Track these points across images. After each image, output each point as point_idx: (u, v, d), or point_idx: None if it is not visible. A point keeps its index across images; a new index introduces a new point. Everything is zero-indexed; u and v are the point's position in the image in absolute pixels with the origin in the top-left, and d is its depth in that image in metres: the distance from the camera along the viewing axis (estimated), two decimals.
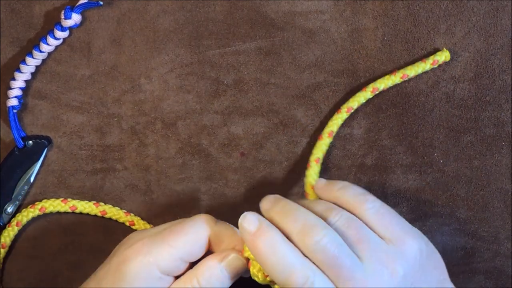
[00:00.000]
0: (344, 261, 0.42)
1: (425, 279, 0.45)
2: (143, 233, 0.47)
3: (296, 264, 0.42)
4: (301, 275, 0.41)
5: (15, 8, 0.54)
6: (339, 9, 0.53)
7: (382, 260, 0.43)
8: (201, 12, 0.53)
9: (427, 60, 0.52)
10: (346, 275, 0.42)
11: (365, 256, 0.43)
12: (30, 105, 0.54)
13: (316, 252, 0.42)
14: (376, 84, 0.52)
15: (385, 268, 0.43)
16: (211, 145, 0.54)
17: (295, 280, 0.41)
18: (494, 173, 0.54)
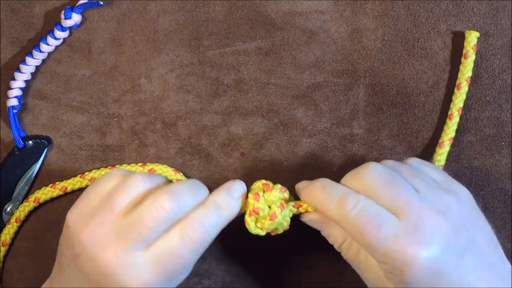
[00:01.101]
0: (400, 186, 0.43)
1: (476, 229, 0.44)
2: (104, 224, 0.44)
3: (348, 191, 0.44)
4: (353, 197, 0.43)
5: (15, 8, 0.54)
6: (339, 9, 0.53)
7: (437, 193, 0.44)
8: (201, 12, 0.53)
9: (469, 52, 0.51)
10: (403, 199, 0.43)
11: (421, 188, 0.44)
12: (30, 105, 0.54)
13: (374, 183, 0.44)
14: None
15: (441, 200, 0.43)
16: (211, 145, 0.54)
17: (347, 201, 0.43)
18: (494, 173, 0.54)
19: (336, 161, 0.54)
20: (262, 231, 0.47)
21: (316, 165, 0.54)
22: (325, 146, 0.54)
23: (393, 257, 0.42)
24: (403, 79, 0.53)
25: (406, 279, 0.42)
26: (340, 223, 0.44)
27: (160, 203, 0.43)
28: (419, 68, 0.53)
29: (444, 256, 0.42)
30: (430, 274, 0.41)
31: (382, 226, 0.42)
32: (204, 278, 0.55)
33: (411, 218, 0.42)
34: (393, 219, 0.43)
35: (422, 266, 0.41)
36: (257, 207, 0.47)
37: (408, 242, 0.41)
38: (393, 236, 0.42)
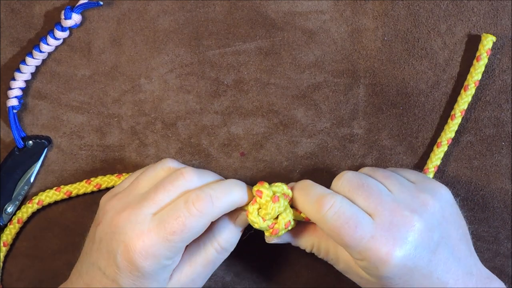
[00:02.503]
0: (372, 188, 0.45)
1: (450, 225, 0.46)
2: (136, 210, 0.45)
3: (325, 192, 0.46)
4: (330, 198, 0.45)
5: (15, 8, 0.54)
6: (339, 9, 0.53)
7: (411, 193, 0.46)
8: (201, 12, 0.53)
9: (481, 55, 0.51)
10: (375, 200, 0.45)
11: (394, 189, 0.46)
12: (30, 105, 0.54)
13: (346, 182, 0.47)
14: None
15: (415, 198, 0.45)
16: (211, 145, 0.54)
17: (324, 202, 0.45)
18: (494, 173, 0.54)
19: (336, 161, 0.54)
20: (264, 222, 0.47)
21: (316, 165, 0.54)
22: (325, 146, 0.54)
23: (369, 256, 0.43)
24: (403, 79, 0.53)
25: (381, 274, 0.44)
26: (318, 224, 0.46)
27: (182, 172, 0.46)
28: (419, 68, 0.53)
29: (417, 253, 0.43)
30: (404, 270, 0.43)
31: (357, 227, 0.44)
32: None
33: (385, 217, 0.44)
34: (368, 219, 0.44)
35: (397, 264, 0.43)
36: (261, 190, 0.47)
37: (382, 241, 0.43)
38: (368, 236, 0.43)
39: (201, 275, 0.48)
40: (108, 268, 0.45)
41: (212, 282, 0.55)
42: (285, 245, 0.55)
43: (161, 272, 0.45)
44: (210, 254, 0.47)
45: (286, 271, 0.55)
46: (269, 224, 0.47)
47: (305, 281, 0.55)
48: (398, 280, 0.44)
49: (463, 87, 0.52)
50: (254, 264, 0.55)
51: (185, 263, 0.47)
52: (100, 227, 0.46)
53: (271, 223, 0.47)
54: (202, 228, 0.45)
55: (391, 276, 0.43)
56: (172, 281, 0.46)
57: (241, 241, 0.55)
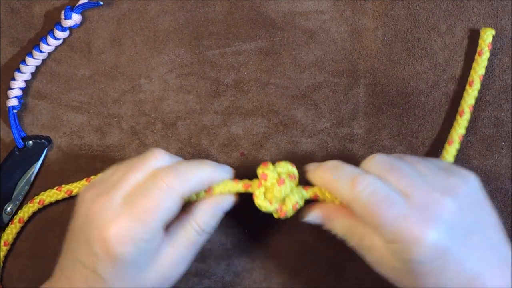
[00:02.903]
0: (404, 170, 0.45)
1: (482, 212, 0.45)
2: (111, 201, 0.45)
3: (359, 171, 0.45)
4: (364, 177, 0.44)
5: (15, 8, 0.54)
6: (339, 9, 0.53)
7: (443, 177, 0.45)
8: (201, 12, 0.53)
9: (482, 50, 0.51)
10: (408, 181, 0.44)
11: (426, 172, 0.45)
12: (30, 105, 0.54)
13: None
14: None
15: (448, 182, 0.44)
16: (211, 145, 0.54)
17: (358, 182, 0.44)
18: (494, 173, 0.54)
19: None
20: (271, 205, 0.47)
21: None
22: (325, 146, 0.54)
23: (402, 236, 0.42)
24: (403, 79, 0.53)
25: (413, 257, 0.42)
26: (350, 204, 0.45)
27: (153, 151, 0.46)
28: (419, 68, 0.53)
29: (450, 236, 0.42)
30: (436, 253, 0.42)
31: (392, 206, 0.43)
32: (204, 278, 0.55)
33: (418, 198, 0.43)
34: (401, 199, 0.43)
35: (430, 245, 0.42)
36: (266, 172, 0.47)
37: (416, 221, 0.42)
38: (402, 216, 0.42)
39: (184, 257, 0.47)
40: (87, 259, 0.44)
41: (212, 282, 0.55)
42: (285, 244, 0.55)
43: (140, 256, 0.44)
44: (190, 234, 0.47)
45: (286, 271, 0.55)
46: (276, 207, 0.47)
47: (305, 281, 0.55)
48: (431, 264, 0.42)
49: (468, 83, 0.52)
50: (254, 264, 0.55)
51: (166, 246, 0.46)
52: (76, 217, 0.45)
53: (278, 206, 0.47)
54: (174, 205, 0.44)
55: (423, 259, 0.42)
56: (154, 266, 0.45)
57: (242, 241, 0.55)
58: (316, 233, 0.55)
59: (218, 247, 0.55)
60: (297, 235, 0.55)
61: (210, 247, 0.55)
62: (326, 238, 0.55)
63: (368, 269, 0.55)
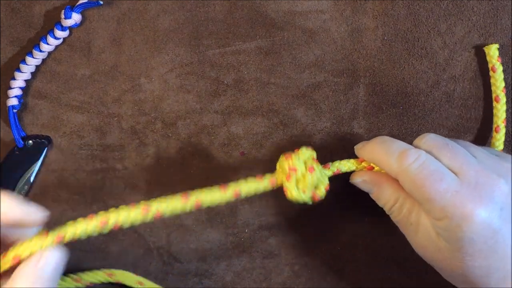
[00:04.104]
0: (457, 149, 0.44)
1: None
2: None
3: (408, 146, 0.45)
4: (414, 151, 0.44)
5: (15, 8, 0.54)
6: (339, 8, 0.53)
7: (496, 160, 0.44)
8: (201, 12, 0.53)
9: (495, 66, 0.52)
10: (461, 160, 0.43)
11: (478, 155, 0.44)
12: (30, 105, 0.54)
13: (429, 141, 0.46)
14: None
15: (501, 165, 0.44)
16: (211, 145, 0.54)
17: (408, 155, 0.44)
18: None
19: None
20: (305, 194, 0.46)
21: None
22: (325, 146, 0.54)
23: (452, 212, 0.41)
24: (403, 79, 0.53)
25: (463, 235, 0.41)
26: (399, 177, 0.44)
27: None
28: (419, 68, 0.53)
29: (503, 215, 0.42)
30: (487, 232, 0.41)
31: (442, 180, 0.42)
32: (204, 278, 0.55)
33: (471, 176, 0.43)
34: (453, 175, 0.43)
35: (481, 223, 0.41)
36: (293, 164, 0.46)
37: (468, 198, 0.41)
38: (453, 190, 0.42)
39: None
40: None
41: (212, 282, 0.55)
42: (285, 244, 0.55)
43: None
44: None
45: (286, 271, 0.55)
46: (310, 195, 0.46)
47: (305, 281, 0.55)
48: (482, 244, 0.41)
49: (494, 99, 0.52)
50: (254, 264, 0.55)
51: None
52: None
53: (311, 193, 0.46)
54: None
55: (474, 236, 0.41)
56: None
57: (242, 241, 0.55)
58: (316, 233, 0.55)
59: (218, 247, 0.55)
60: (297, 235, 0.55)
61: (210, 247, 0.55)
62: (326, 238, 0.55)
63: (368, 269, 0.55)
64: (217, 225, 0.55)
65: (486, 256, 0.42)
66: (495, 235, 0.41)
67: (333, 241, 0.55)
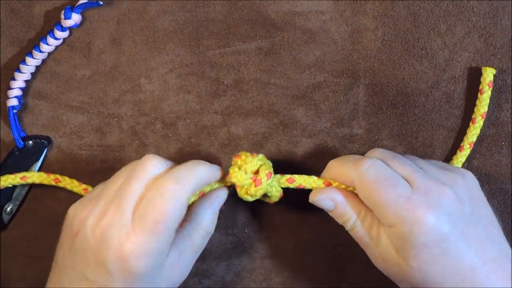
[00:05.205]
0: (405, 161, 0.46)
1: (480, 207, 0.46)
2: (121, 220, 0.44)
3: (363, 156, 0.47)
4: (369, 159, 0.46)
5: (15, 8, 0.54)
6: (339, 9, 0.53)
7: (441, 171, 0.46)
8: (201, 12, 0.53)
9: (484, 88, 0.52)
10: (409, 170, 0.45)
11: (424, 167, 0.46)
12: (30, 105, 0.54)
13: None
14: None
15: (446, 175, 0.46)
16: (211, 145, 0.54)
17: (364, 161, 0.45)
18: (494, 173, 0.54)
19: None
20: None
21: (316, 165, 0.54)
22: (325, 146, 0.54)
23: (404, 217, 0.43)
24: (403, 79, 0.53)
25: (415, 240, 0.43)
26: (356, 183, 0.45)
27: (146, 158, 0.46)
28: (419, 68, 0.53)
29: (451, 220, 0.43)
30: (438, 236, 0.43)
31: (396, 186, 0.44)
32: (204, 278, 0.55)
33: (420, 183, 0.44)
34: (405, 182, 0.45)
35: (432, 226, 0.43)
36: (239, 154, 0.48)
37: (418, 203, 0.43)
38: (405, 196, 0.43)
39: (189, 264, 0.47)
40: (98, 277, 0.43)
41: (212, 282, 0.55)
42: (285, 244, 0.55)
43: (155, 268, 0.44)
44: (197, 240, 0.47)
45: (286, 271, 0.55)
46: (250, 177, 0.48)
47: (305, 281, 0.55)
48: (434, 248, 0.43)
49: (471, 120, 0.52)
50: (254, 264, 0.55)
51: (174, 257, 0.46)
52: (80, 237, 0.44)
53: (252, 176, 0.48)
54: (181, 210, 0.44)
55: (426, 240, 0.43)
56: (164, 275, 0.45)
57: (242, 241, 0.55)
58: (316, 233, 0.55)
59: (218, 247, 0.55)
60: (297, 235, 0.55)
61: (210, 247, 0.55)
62: (326, 238, 0.55)
63: (368, 269, 0.55)
64: (217, 225, 0.55)
65: (440, 261, 0.43)
66: (446, 238, 0.43)
67: (333, 241, 0.55)
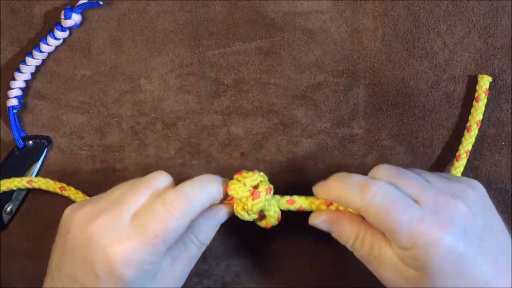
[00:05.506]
0: (411, 176, 0.44)
1: (491, 216, 0.45)
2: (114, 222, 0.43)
3: (368, 178, 0.45)
4: (375, 182, 0.43)
5: (15, 8, 0.54)
6: (339, 9, 0.53)
7: (449, 183, 0.45)
8: (201, 12, 0.53)
9: (480, 96, 0.52)
10: (417, 186, 0.44)
11: (431, 180, 0.45)
12: (30, 105, 0.54)
13: None
14: None
15: (454, 186, 0.44)
16: (211, 145, 0.54)
17: (370, 186, 0.43)
18: (494, 173, 0.54)
19: (336, 161, 0.54)
20: (247, 214, 0.47)
21: (316, 165, 0.54)
22: (325, 146, 0.54)
23: (418, 240, 0.42)
24: (403, 79, 0.53)
25: (431, 262, 0.42)
26: (362, 210, 0.44)
27: (156, 172, 0.46)
28: (419, 68, 0.53)
29: (466, 237, 0.42)
30: (454, 256, 0.41)
31: (407, 210, 0.42)
32: (204, 278, 0.55)
33: (430, 202, 0.43)
34: (414, 203, 0.43)
35: (447, 246, 0.41)
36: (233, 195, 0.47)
37: (431, 224, 0.42)
38: (417, 219, 0.42)
39: (184, 272, 0.47)
40: (86, 278, 0.42)
41: (212, 282, 0.55)
42: (285, 245, 0.55)
43: (144, 277, 0.43)
44: (191, 250, 0.46)
45: (286, 271, 0.55)
46: (255, 218, 0.47)
47: (305, 281, 0.55)
48: (450, 267, 0.41)
49: (466, 128, 0.52)
50: (254, 264, 0.55)
51: (167, 264, 0.45)
52: (71, 235, 0.44)
53: (257, 216, 0.47)
54: (183, 228, 0.44)
55: (442, 262, 0.41)
56: (156, 284, 0.44)
57: (242, 241, 0.55)
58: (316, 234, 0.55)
59: (218, 247, 0.55)
60: (297, 235, 0.55)
61: (210, 247, 0.55)
62: (326, 239, 0.55)
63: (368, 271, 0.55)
64: None
65: (455, 279, 0.42)
66: (461, 256, 0.41)
67: (333, 241, 0.55)
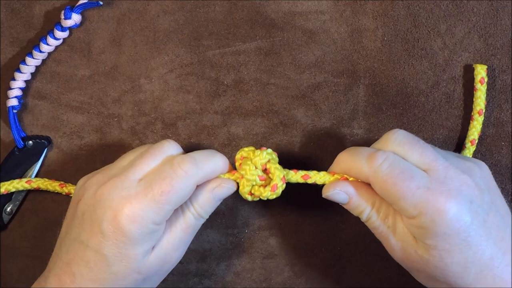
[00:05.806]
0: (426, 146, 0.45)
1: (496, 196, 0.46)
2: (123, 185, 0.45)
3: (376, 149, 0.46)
4: (382, 153, 0.45)
5: (15, 8, 0.54)
6: (339, 9, 0.53)
7: (459, 160, 0.46)
8: (201, 12, 0.53)
9: (477, 85, 0.52)
10: (430, 156, 0.44)
11: (442, 154, 0.46)
12: (30, 105, 0.54)
13: None
14: None
15: (464, 163, 0.45)
16: (211, 145, 0.54)
17: (377, 156, 0.44)
18: (494, 173, 0.54)
19: None
20: (255, 170, 0.47)
21: (316, 165, 0.54)
22: (325, 146, 0.54)
23: (425, 207, 0.42)
24: (403, 79, 0.53)
25: (438, 230, 0.42)
26: (370, 179, 0.45)
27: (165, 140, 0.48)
28: (419, 68, 0.53)
29: (473, 208, 0.43)
30: (460, 225, 0.42)
31: (413, 177, 0.43)
32: (204, 278, 0.55)
33: (440, 172, 0.44)
34: (422, 173, 0.44)
35: (453, 216, 0.42)
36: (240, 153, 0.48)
37: (439, 193, 0.42)
38: (424, 187, 0.43)
39: (182, 241, 0.47)
40: (91, 239, 0.44)
41: (212, 282, 0.55)
42: (285, 244, 0.55)
43: (147, 237, 0.44)
44: (188, 219, 0.47)
45: (286, 271, 0.55)
46: (258, 175, 0.47)
47: (305, 281, 0.55)
48: (456, 238, 0.42)
49: (471, 118, 0.53)
50: (254, 264, 0.55)
51: (166, 230, 0.46)
52: (82, 201, 0.45)
53: (261, 173, 0.47)
54: (188, 190, 0.45)
55: (448, 230, 0.42)
56: (155, 249, 0.46)
57: (242, 241, 0.55)
58: (316, 233, 0.55)
59: (218, 247, 0.55)
60: (297, 235, 0.55)
61: (210, 247, 0.55)
62: (326, 238, 0.55)
63: (368, 270, 0.55)
64: (217, 225, 0.55)
65: (461, 250, 0.43)
66: (468, 228, 0.42)
67: (333, 241, 0.55)
